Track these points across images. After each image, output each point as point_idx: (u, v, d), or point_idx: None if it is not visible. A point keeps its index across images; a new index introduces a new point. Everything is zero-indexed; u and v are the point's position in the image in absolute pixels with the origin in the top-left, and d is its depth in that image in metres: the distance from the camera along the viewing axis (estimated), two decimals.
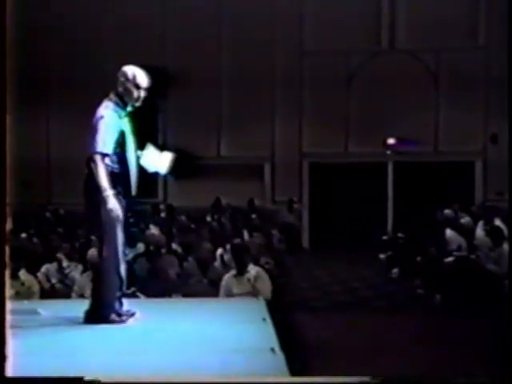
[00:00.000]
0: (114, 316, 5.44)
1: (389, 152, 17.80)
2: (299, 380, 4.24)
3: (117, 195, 5.27)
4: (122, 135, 5.39)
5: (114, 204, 5.20)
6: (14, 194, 4.40)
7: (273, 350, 4.58)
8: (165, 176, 5.75)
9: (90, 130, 5.33)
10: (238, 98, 17.62)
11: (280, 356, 4.46)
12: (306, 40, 17.84)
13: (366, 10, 17.63)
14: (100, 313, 5.43)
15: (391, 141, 17.66)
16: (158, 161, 5.76)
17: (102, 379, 3.82)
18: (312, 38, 17.72)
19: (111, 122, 5.32)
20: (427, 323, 7.02)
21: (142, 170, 5.65)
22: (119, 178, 5.38)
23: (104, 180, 5.19)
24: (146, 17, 17.38)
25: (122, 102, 5.44)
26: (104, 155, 5.26)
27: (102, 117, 5.30)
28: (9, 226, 12.03)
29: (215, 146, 17.99)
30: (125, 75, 5.44)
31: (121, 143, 5.38)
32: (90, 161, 5.25)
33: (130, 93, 5.43)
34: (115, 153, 5.35)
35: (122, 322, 5.45)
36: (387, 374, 4.10)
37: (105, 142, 5.26)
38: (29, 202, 15.71)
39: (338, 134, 17.74)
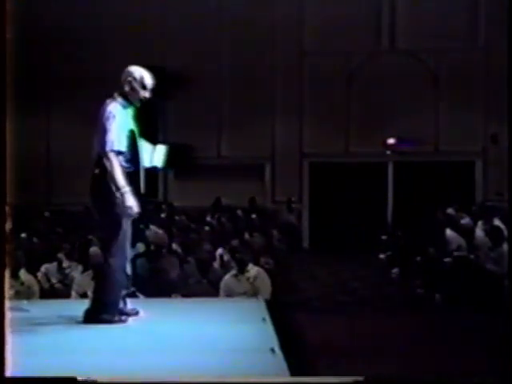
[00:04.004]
0: (113, 316, 5.45)
1: (389, 152, 17.80)
2: (299, 380, 4.24)
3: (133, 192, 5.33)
4: (131, 134, 5.45)
5: (132, 201, 5.27)
6: (13, 194, 4.41)
7: (273, 350, 4.57)
8: (164, 170, 5.77)
9: (99, 129, 5.37)
10: (238, 98, 17.62)
11: (280, 356, 4.46)
12: (306, 40, 17.84)
13: (366, 10, 17.63)
14: (100, 313, 5.43)
15: (391, 141, 17.67)
16: (152, 154, 5.77)
17: (101, 379, 3.82)
18: (312, 38, 17.72)
19: (122, 121, 5.38)
20: (427, 323, 7.02)
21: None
22: (129, 177, 5.41)
23: (121, 177, 5.27)
24: (146, 17, 17.38)
25: (127, 102, 5.48)
26: (118, 153, 5.33)
27: (114, 116, 5.35)
28: (9, 226, 12.02)
29: (215, 146, 17.99)
30: (133, 75, 5.49)
31: (131, 142, 5.43)
32: (103, 159, 5.30)
33: (136, 93, 5.48)
34: (125, 152, 5.41)
35: (122, 321, 5.46)
36: (387, 374, 4.09)
37: (119, 140, 5.32)
38: (29, 201, 15.71)
39: (338, 133, 17.74)
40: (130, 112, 5.50)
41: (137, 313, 5.63)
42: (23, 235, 13.10)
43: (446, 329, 6.66)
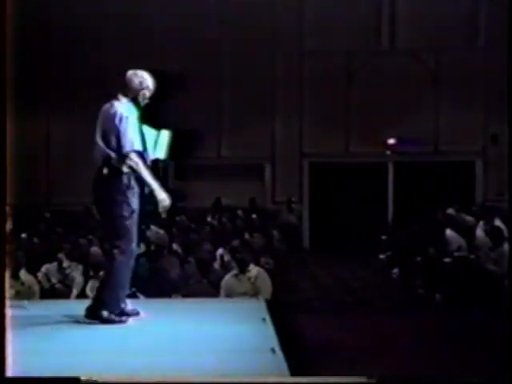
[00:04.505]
0: (113, 314, 5.47)
1: (389, 152, 17.79)
2: (299, 380, 4.24)
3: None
4: (140, 133, 5.54)
5: (164, 195, 5.50)
6: (13, 194, 4.41)
7: (273, 350, 4.58)
8: (166, 162, 5.77)
9: (110, 130, 5.41)
10: (238, 98, 17.62)
11: (280, 356, 4.46)
12: (306, 40, 17.84)
13: (367, 10, 17.63)
14: (100, 309, 5.45)
15: (391, 141, 17.66)
16: (156, 142, 5.77)
17: (102, 379, 3.82)
18: (312, 38, 17.72)
19: (135, 122, 5.48)
20: (427, 323, 7.01)
21: None
22: (132, 177, 5.48)
23: (148, 174, 5.46)
24: (146, 17, 17.37)
25: (133, 103, 5.55)
26: (137, 153, 5.43)
27: (126, 117, 5.43)
28: (9, 226, 12.03)
29: (215, 146, 17.99)
30: (145, 81, 5.55)
31: (140, 141, 5.53)
32: (111, 159, 5.36)
33: (144, 97, 5.58)
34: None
35: (122, 322, 5.47)
36: (387, 374, 4.09)
37: (136, 140, 5.45)
38: (29, 202, 15.72)
39: (338, 133, 17.74)
40: (137, 113, 5.56)
41: (137, 313, 5.64)
42: (23, 235, 13.11)
43: (446, 329, 6.66)
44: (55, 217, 16.27)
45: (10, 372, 3.64)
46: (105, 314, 5.44)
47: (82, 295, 9.66)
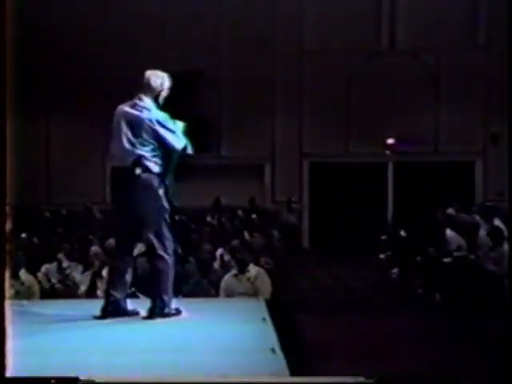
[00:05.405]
0: (171, 310, 5.61)
1: (389, 152, 17.80)
2: (299, 380, 4.24)
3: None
4: None
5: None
6: (13, 194, 4.41)
7: (273, 350, 4.57)
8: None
9: (147, 131, 5.46)
10: (238, 97, 17.62)
11: (280, 356, 4.46)
12: (306, 40, 17.85)
13: (367, 10, 17.64)
14: (163, 308, 5.57)
15: (391, 141, 17.67)
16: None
17: (102, 379, 3.82)
18: (312, 38, 17.72)
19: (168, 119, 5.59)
20: (427, 323, 7.02)
21: None
22: (162, 177, 5.56)
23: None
24: (147, 17, 17.37)
25: (155, 102, 5.60)
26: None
27: (165, 117, 5.54)
28: (9, 226, 12.01)
29: (215, 146, 17.98)
30: (165, 82, 5.64)
31: None
32: (142, 160, 5.43)
33: (162, 98, 5.66)
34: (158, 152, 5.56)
35: (179, 313, 5.62)
36: (386, 374, 4.09)
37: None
38: (29, 202, 15.71)
39: (338, 134, 17.74)
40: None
41: (137, 313, 5.65)
42: (23, 235, 13.10)
43: (446, 329, 6.67)
44: (55, 217, 16.27)
45: (9, 372, 3.64)
46: (166, 310, 5.57)
47: (80, 295, 9.67)
